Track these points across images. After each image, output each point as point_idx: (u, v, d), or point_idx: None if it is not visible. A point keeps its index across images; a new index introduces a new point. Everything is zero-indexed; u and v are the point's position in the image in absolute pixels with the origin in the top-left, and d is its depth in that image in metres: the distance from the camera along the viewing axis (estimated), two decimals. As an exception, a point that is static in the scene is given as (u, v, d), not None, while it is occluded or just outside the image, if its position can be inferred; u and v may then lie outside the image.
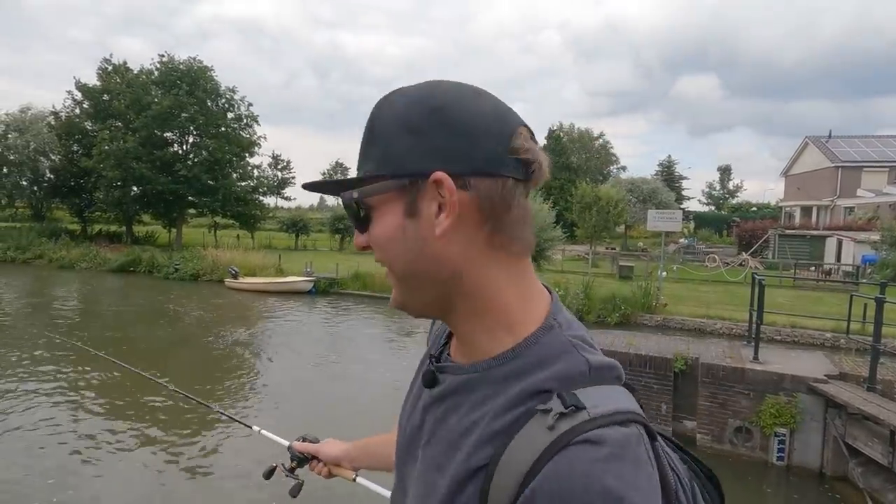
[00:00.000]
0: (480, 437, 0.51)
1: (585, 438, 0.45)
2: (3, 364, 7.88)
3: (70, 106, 27.43)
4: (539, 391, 0.50)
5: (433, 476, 0.55)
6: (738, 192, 56.74)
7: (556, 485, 0.44)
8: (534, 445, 0.47)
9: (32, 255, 22.10)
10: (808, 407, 5.09)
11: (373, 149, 0.54)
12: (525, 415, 0.50)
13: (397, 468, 0.66)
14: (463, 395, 0.56)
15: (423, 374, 0.63)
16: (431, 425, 0.58)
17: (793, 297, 14.35)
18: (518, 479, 0.47)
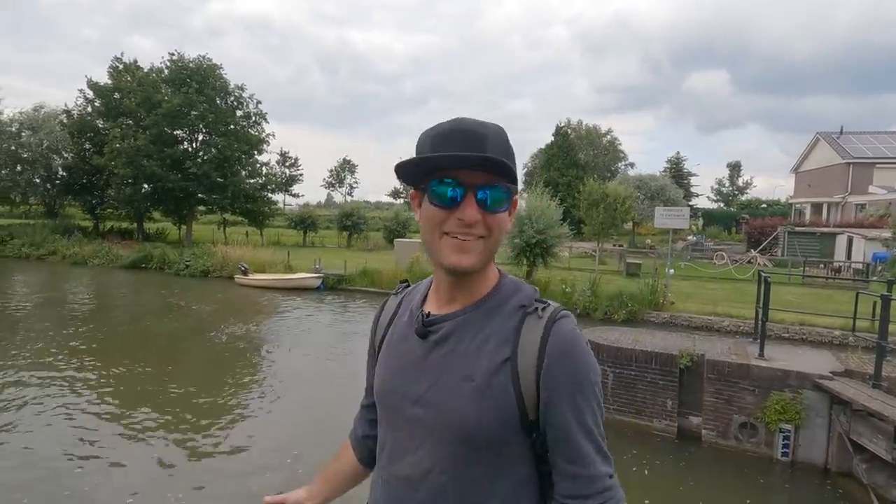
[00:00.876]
0: (499, 341, 0.81)
1: (561, 315, 0.83)
2: (22, 354, 8.08)
3: (82, 104, 27.79)
4: (521, 305, 0.84)
5: (463, 386, 0.80)
6: (748, 189, 56.23)
7: (560, 341, 0.80)
8: (537, 329, 0.81)
9: (46, 251, 22.46)
10: (813, 403, 5.12)
11: (512, 163, 0.81)
12: (521, 318, 0.83)
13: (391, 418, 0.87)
14: (465, 328, 0.84)
15: (415, 330, 0.87)
16: (440, 361, 0.83)
17: (802, 294, 14.27)
18: (535, 351, 0.79)
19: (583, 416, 0.79)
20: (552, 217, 13.76)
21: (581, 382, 0.79)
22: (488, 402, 0.78)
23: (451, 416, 0.79)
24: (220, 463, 5.03)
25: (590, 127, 50.04)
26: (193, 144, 25.87)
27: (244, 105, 26.79)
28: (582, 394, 0.79)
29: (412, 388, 0.84)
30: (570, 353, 0.79)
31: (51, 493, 4.30)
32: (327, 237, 30.53)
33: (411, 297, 0.96)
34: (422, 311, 0.89)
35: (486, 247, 0.82)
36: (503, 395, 0.78)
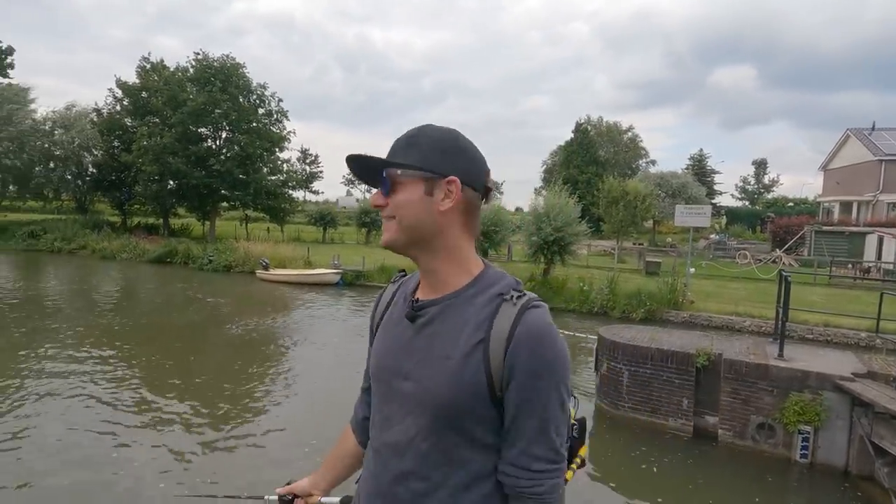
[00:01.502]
0: (475, 325, 0.89)
1: (534, 305, 0.89)
2: (54, 342, 8.44)
3: (111, 103, 28.67)
4: (499, 294, 0.92)
5: (444, 363, 0.89)
6: (774, 187, 54.81)
7: (527, 326, 0.87)
8: (509, 315, 0.88)
9: (77, 245, 23.24)
10: (833, 405, 5.04)
11: (411, 152, 0.92)
12: (497, 305, 0.90)
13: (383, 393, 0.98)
14: (448, 312, 0.93)
15: (405, 314, 0.97)
16: (425, 341, 0.93)
17: (827, 295, 13.92)
18: (505, 335, 0.86)
19: (533, 402, 0.85)
20: (570, 214, 13.69)
21: (539, 369, 0.85)
22: (463, 377, 0.87)
23: (432, 389, 0.89)
24: (240, 452, 5.19)
25: (610, 123, 49.41)
26: (217, 142, 26.44)
27: (266, 103, 27.26)
28: (539, 380, 0.85)
29: (402, 365, 0.94)
30: (535, 340, 0.85)
31: (82, 480, 4.52)
32: (346, 233, 30.87)
33: (406, 286, 1.05)
34: (413, 297, 0.99)
35: (397, 225, 0.93)
36: (476, 372, 0.86)
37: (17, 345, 8.48)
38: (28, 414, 5.75)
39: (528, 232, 13.91)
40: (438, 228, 0.92)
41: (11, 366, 7.37)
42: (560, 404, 0.88)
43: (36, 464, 4.68)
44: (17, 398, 6.17)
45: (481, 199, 0.96)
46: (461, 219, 0.93)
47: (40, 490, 4.30)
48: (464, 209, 0.93)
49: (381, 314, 1.07)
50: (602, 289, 12.66)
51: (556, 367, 0.86)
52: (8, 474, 4.48)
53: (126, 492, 4.32)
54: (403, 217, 0.91)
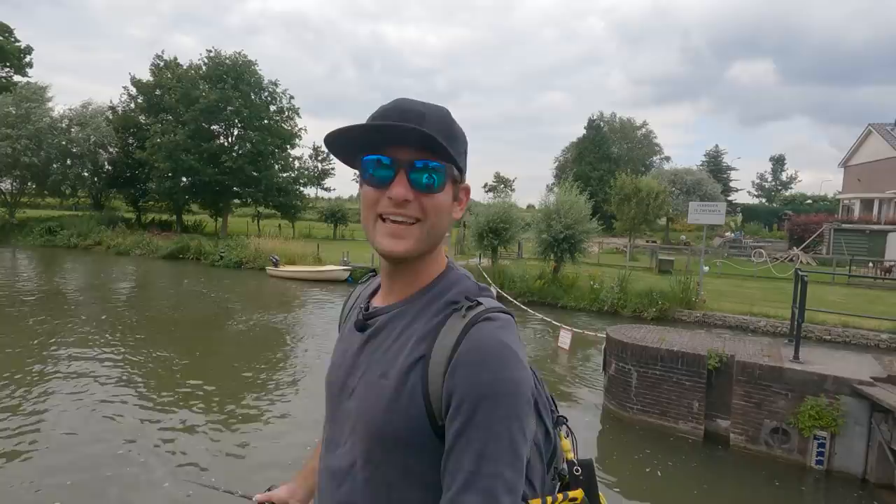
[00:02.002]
0: (417, 339, 0.76)
1: (486, 318, 0.73)
2: (69, 336, 8.54)
3: (126, 101, 29.02)
4: (452, 302, 0.78)
5: (379, 383, 0.76)
6: (792, 184, 53.73)
7: (472, 343, 0.71)
8: (455, 329, 0.73)
9: (92, 241, 23.60)
10: (851, 410, 4.85)
11: (455, 145, 0.78)
12: (446, 315, 0.76)
13: (330, 411, 0.87)
14: (395, 322, 0.80)
15: (354, 323, 0.85)
16: (368, 355, 0.81)
17: (846, 295, 13.56)
18: (448, 353, 0.71)
19: (470, 437, 0.66)
20: (581, 212, 13.50)
21: (480, 397, 0.67)
22: (399, 402, 0.73)
23: (368, 414, 0.76)
24: (247, 450, 5.17)
25: (623, 120, 48.78)
26: (229, 139, 26.62)
27: (277, 100, 27.36)
28: (478, 411, 0.67)
29: (349, 381, 0.83)
30: (478, 360, 0.69)
31: (91, 475, 4.53)
32: (357, 230, 30.92)
33: (366, 287, 0.95)
34: (367, 302, 0.88)
35: (421, 232, 0.76)
36: (412, 396, 0.73)
37: (31, 337, 8.59)
38: (37, 409, 5.80)
39: (538, 229, 13.76)
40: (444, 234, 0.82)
41: (25, 359, 7.45)
42: (508, 443, 0.67)
43: (44, 458, 4.70)
44: (27, 392, 6.23)
45: None
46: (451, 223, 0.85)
47: (48, 485, 4.31)
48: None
49: (347, 317, 0.96)
50: (613, 287, 12.46)
51: (502, 395, 0.68)
52: (15, 470, 4.51)
53: (131, 486, 4.31)
54: (436, 224, 0.77)
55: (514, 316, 0.79)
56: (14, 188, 27.87)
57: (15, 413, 5.64)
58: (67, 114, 27.37)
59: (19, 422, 5.43)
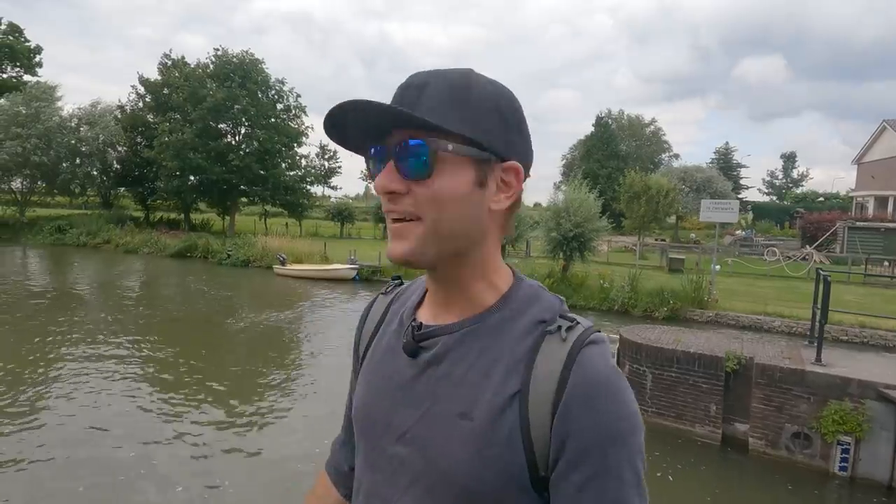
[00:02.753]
0: (504, 371, 0.60)
1: (591, 340, 0.60)
2: (78, 334, 8.53)
3: (134, 100, 29.16)
4: (539, 321, 0.63)
5: (458, 425, 0.60)
6: (804, 182, 53.10)
7: (584, 376, 0.58)
8: (557, 356, 0.59)
9: (101, 239, 23.72)
10: (877, 415, 4.68)
11: (467, 112, 0.59)
12: (538, 339, 0.61)
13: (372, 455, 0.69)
14: (465, 346, 0.63)
15: (403, 346, 0.67)
16: (431, 387, 0.64)
17: (862, 294, 13.30)
18: (554, 386, 0.58)
19: (603, 489, 0.56)
20: (590, 210, 13.33)
21: (610, 441, 0.56)
22: (490, 449, 0.58)
23: (443, 463, 0.60)
24: (255, 452, 5.10)
25: (632, 117, 48.37)
26: (236, 137, 26.65)
27: (284, 98, 27.35)
28: (610, 457, 0.56)
29: (396, 419, 0.65)
30: (597, 396, 0.57)
31: (98, 480, 4.47)
32: (363, 229, 30.89)
33: (404, 299, 0.76)
34: (413, 319, 0.69)
35: (423, 231, 0.60)
36: (509, 441, 0.58)
37: (40, 336, 8.58)
38: (46, 406, 5.76)
39: (547, 227, 13.60)
40: (481, 237, 0.63)
41: (32, 358, 7.44)
42: (637, 482, 0.57)
43: (54, 459, 4.65)
44: (31, 391, 6.19)
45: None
46: (506, 219, 0.65)
47: (60, 489, 4.25)
48: (514, 207, 0.64)
49: (370, 337, 0.77)
50: (623, 286, 12.29)
51: (629, 434, 0.57)
52: (23, 474, 4.46)
53: (141, 489, 4.25)
54: (441, 220, 0.60)
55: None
56: (24, 187, 28.08)
57: (18, 413, 5.60)
58: (77, 113, 27.53)
59: (23, 422, 5.39)
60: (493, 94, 0.61)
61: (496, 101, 0.61)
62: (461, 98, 0.59)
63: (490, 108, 0.60)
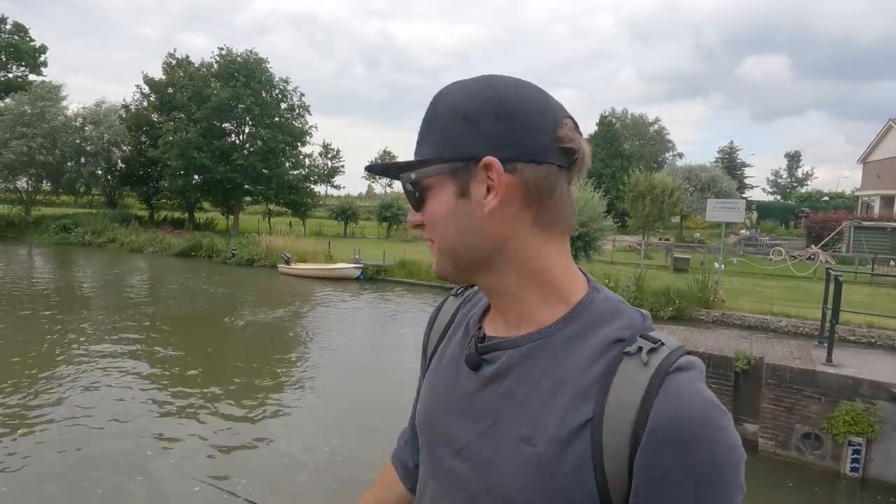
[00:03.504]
0: (574, 395, 0.55)
1: (678, 366, 0.53)
2: (82, 333, 8.56)
3: (138, 99, 29.20)
4: (616, 340, 0.56)
5: (520, 450, 0.56)
6: (808, 181, 52.86)
7: (671, 407, 0.50)
8: (637, 383, 0.52)
9: (106, 239, 23.79)
10: (889, 416, 4.65)
11: (430, 136, 0.60)
12: (614, 361, 0.55)
13: (432, 463, 0.67)
14: (529, 365, 0.58)
15: (466, 357, 0.64)
16: (493, 404, 0.60)
17: (870, 294, 13.23)
18: (632, 417, 0.51)
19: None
20: (595, 209, 13.29)
21: (703, 483, 0.50)
22: (554, 481, 0.54)
23: (500, 488, 0.56)
24: (259, 451, 5.10)
25: (636, 116, 48.21)
26: (240, 137, 26.70)
27: (288, 98, 27.37)
28: (702, 500, 0.50)
29: (455, 432, 0.63)
30: (689, 433, 0.50)
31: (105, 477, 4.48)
32: (367, 228, 30.90)
33: (472, 304, 0.73)
34: (478, 329, 0.66)
35: (439, 251, 0.62)
36: (575, 475, 0.53)
37: (45, 333, 8.61)
38: (45, 409, 5.78)
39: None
40: (495, 242, 0.59)
41: (37, 357, 7.46)
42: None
43: (57, 457, 4.66)
44: (39, 388, 6.21)
45: (559, 168, 0.58)
46: (525, 214, 0.58)
47: (64, 485, 4.26)
48: (523, 198, 0.58)
49: (438, 338, 0.75)
50: (629, 286, 12.26)
51: (727, 473, 0.50)
52: (28, 469, 4.47)
53: (142, 483, 4.26)
54: (442, 239, 0.61)
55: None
56: (30, 186, 28.20)
57: (23, 414, 5.62)
58: (81, 112, 27.63)
59: (28, 422, 5.40)
60: (459, 99, 0.59)
61: (461, 104, 0.58)
62: (429, 119, 0.61)
63: (454, 114, 0.58)
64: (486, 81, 0.60)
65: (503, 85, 0.59)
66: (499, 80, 0.60)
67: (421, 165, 0.60)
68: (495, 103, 0.57)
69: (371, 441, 5.25)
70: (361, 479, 4.30)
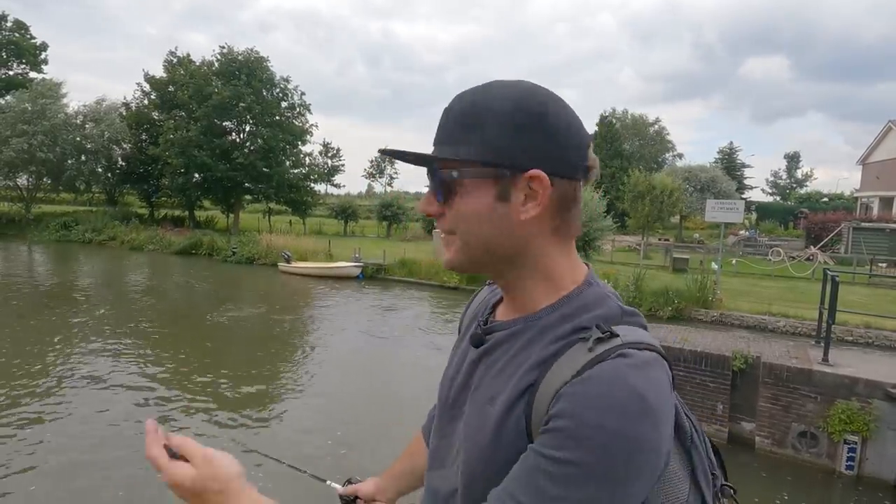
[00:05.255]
0: (529, 365, 0.63)
1: (619, 353, 0.57)
2: (82, 330, 8.60)
3: (139, 97, 29.20)
4: (582, 328, 0.62)
5: (486, 408, 0.66)
6: (808, 182, 52.90)
7: (592, 384, 0.55)
8: (574, 363, 0.58)
9: (106, 237, 23.81)
10: (884, 414, 4.71)
11: (474, 135, 0.63)
12: (568, 343, 0.62)
13: (439, 424, 0.78)
14: (512, 342, 0.67)
15: (470, 336, 0.74)
16: (481, 374, 0.70)
17: (867, 295, 13.29)
18: (556, 386, 0.57)
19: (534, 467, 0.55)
20: (595, 209, 13.35)
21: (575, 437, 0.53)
22: (501, 436, 0.62)
23: (471, 441, 0.67)
24: (265, 443, 5.15)
25: (636, 116, 48.24)
26: (241, 135, 26.70)
27: (289, 96, 27.38)
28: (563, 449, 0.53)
29: (460, 397, 0.74)
30: (591, 397, 0.54)
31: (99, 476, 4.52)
32: (367, 227, 30.94)
33: (494, 294, 0.83)
34: (490, 313, 0.78)
35: (458, 243, 0.67)
36: (517, 429, 0.61)
37: (45, 331, 8.65)
38: (51, 401, 5.82)
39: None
40: (520, 244, 0.65)
41: (37, 355, 7.50)
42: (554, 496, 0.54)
43: (57, 449, 4.71)
44: (39, 385, 6.26)
45: (581, 182, 0.66)
46: (551, 223, 0.65)
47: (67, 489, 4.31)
48: (553, 209, 0.64)
49: (470, 321, 0.85)
50: (628, 286, 12.31)
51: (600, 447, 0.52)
52: (27, 460, 4.52)
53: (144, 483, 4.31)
54: (469, 234, 0.66)
55: (664, 356, 0.61)
56: (30, 184, 28.20)
57: (22, 413, 5.66)
58: (82, 110, 27.61)
59: (29, 420, 5.45)
60: (508, 109, 0.62)
61: (511, 114, 0.62)
62: (472, 122, 0.63)
63: (503, 122, 0.62)
64: (532, 92, 0.64)
65: (549, 100, 0.64)
66: (543, 93, 0.65)
67: (459, 164, 0.64)
68: (543, 119, 0.62)
69: (373, 436, 5.30)
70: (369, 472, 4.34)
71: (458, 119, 0.65)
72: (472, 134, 0.63)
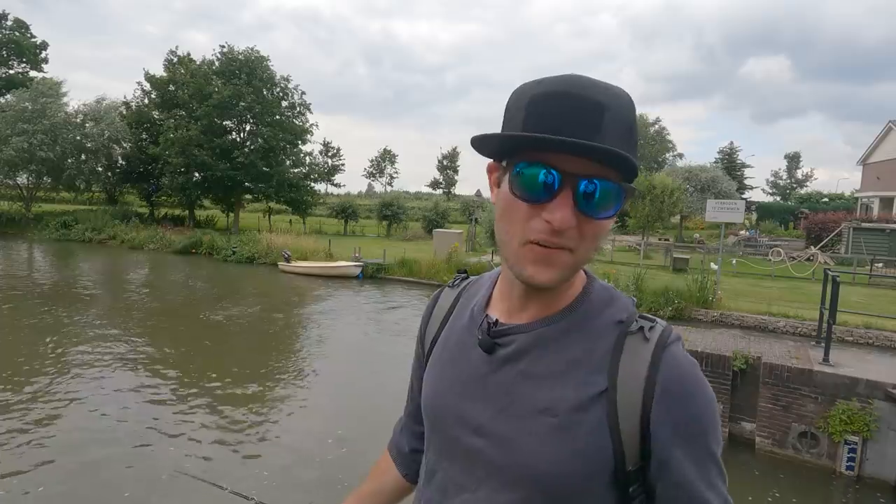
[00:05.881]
0: (587, 370, 0.64)
1: (673, 339, 0.65)
2: (81, 329, 8.60)
3: (139, 96, 29.16)
4: (617, 322, 0.66)
5: (541, 421, 0.63)
6: (808, 182, 52.87)
7: (677, 371, 0.62)
8: (642, 356, 0.63)
9: (106, 235, 23.80)
10: (885, 415, 4.70)
11: (633, 144, 0.61)
12: (619, 339, 0.65)
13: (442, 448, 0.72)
14: (546, 345, 0.66)
15: (480, 342, 0.69)
16: (508, 384, 0.66)
17: (868, 295, 13.28)
18: (641, 384, 0.61)
19: (709, 470, 0.63)
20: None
21: (706, 429, 0.63)
22: (574, 444, 0.61)
23: (524, 457, 0.63)
24: (263, 445, 5.14)
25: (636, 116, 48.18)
26: (241, 134, 26.68)
27: (289, 96, 27.35)
28: (706, 442, 0.63)
29: (471, 412, 0.68)
30: (691, 392, 0.62)
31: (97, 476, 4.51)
32: (367, 226, 30.93)
33: (471, 294, 0.78)
34: (487, 316, 0.72)
35: (573, 260, 0.61)
36: (594, 437, 0.61)
37: (44, 330, 8.65)
38: (50, 399, 5.82)
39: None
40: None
41: (37, 354, 7.50)
42: (719, 473, 0.64)
43: (56, 447, 4.70)
44: (38, 384, 6.25)
45: None
46: None
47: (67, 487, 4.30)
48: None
49: (438, 328, 0.79)
50: (628, 286, 12.31)
51: (713, 425, 0.64)
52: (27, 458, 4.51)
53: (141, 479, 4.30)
54: (591, 250, 0.62)
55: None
56: (30, 182, 28.19)
57: (25, 411, 5.66)
58: (82, 109, 27.58)
59: (29, 419, 5.44)
60: (633, 117, 0.60)
61: (634, 123, 0.60)
62: (631, 127, 0.59)
63: (635, 139, 0.61)
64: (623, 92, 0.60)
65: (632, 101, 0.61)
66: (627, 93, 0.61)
67: (625, 175, 0.60)
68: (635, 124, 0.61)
69: (373, 436, 5.30)
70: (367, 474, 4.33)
71: (623, 128, 0.58)
72: (634, 146, 0.60)
